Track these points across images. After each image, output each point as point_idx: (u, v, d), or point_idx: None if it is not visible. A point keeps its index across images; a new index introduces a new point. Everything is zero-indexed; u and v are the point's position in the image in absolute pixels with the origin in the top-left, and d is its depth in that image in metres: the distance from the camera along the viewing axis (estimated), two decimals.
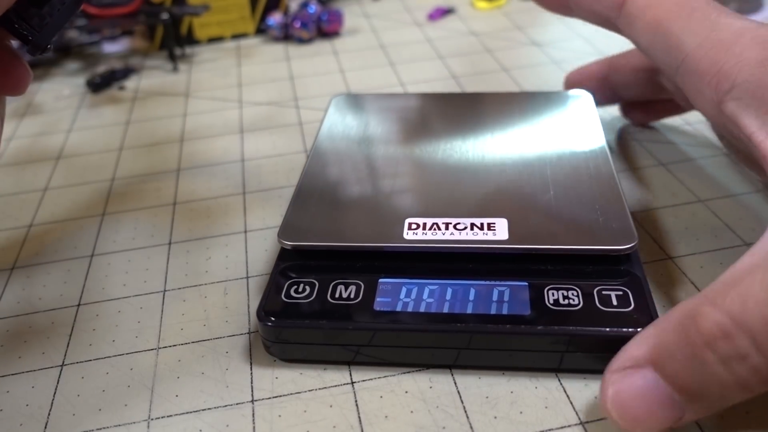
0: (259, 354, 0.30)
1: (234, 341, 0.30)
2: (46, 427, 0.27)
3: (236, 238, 0.37)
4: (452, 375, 0.28)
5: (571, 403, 0.26)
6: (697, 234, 0.35)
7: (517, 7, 0.67)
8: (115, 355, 0.30)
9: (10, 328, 0.32)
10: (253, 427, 0.27)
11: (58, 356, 0.31)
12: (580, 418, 0.26)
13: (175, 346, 0.31)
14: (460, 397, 0.27)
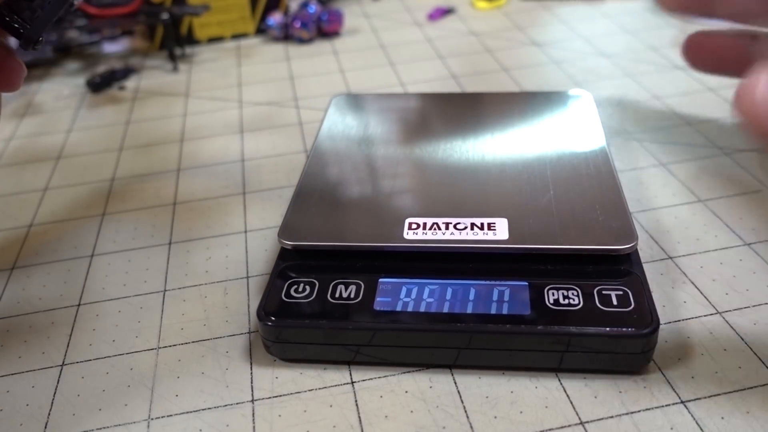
0: (259, 354, 0.30)
1: (234, 341, 0.30)
2: (46, 427, 0.27)
3: (236, 238, 0.37)
4: (452, 375, 0.28)
5: (571, 403, 0.26)
6: (697, 234, 0.35)
7: (517, 7, 0.67)
8: (115, 355, 0.30)
9: (10, 328, 0.32)
10: (253, 427, 0.27)
11: (58, 356, 0.31)
12: (580, 418, 0.26)
13: (175, 346, 0.31)
14: (460, 397, 0.27)
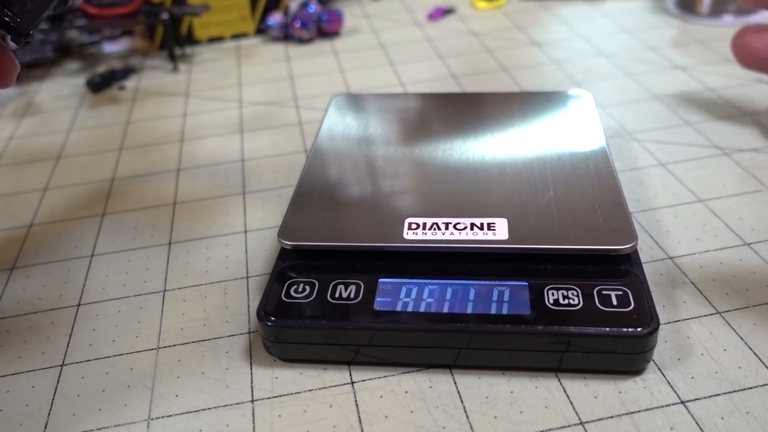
0: (259, 354, 0.30)
1: (234, 341, 0.30)
2: (46, 427, 0.27)
3: (236, 238, 0.37)
4: (452, 375, 0.28)
5: (571, 403, 0.26)
6: (697, 234, 0.35)
7: (517, 7, 0.67)
8: (115, 355, 0.30)
9: (10, 328, 0.32)
10: (253, 427, 0.27)
11: (58, 356, 0.31)
12: (580, 418, 0.26)
13: (175, 346, 0.31)
14: (460, 397, 0.27)
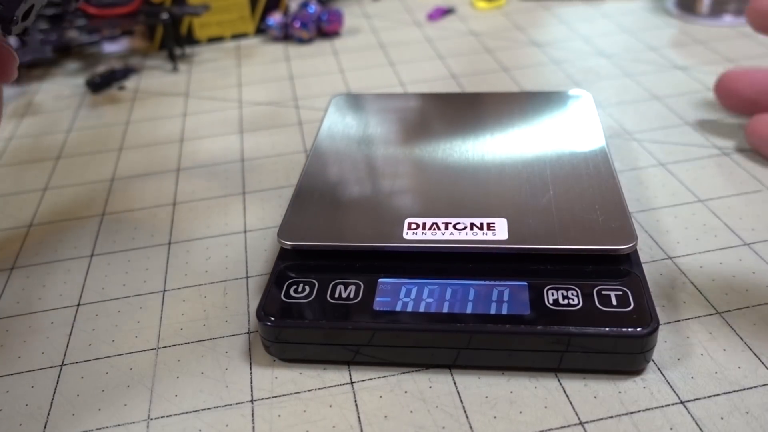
0: (259, 354, 0.30)
1: (234, 341, 0.30)
2: (46, 427, 0.27)
3: (236, 238, 0.37)
4: (452, 375, 0.28)
5: (571, 403, 0.26)
6: (697, 234, 0.35)
7: (517, 7, 0.67)
8: (115, 355, 0.30)
9: (10, 328, 0.32)
10: (253, 427, 0.27)
11: (58, 356, 0.31)
12: (579, 418, 0.26)
13: (174, 346, 0.31)
14: (460, 397, 0.27)
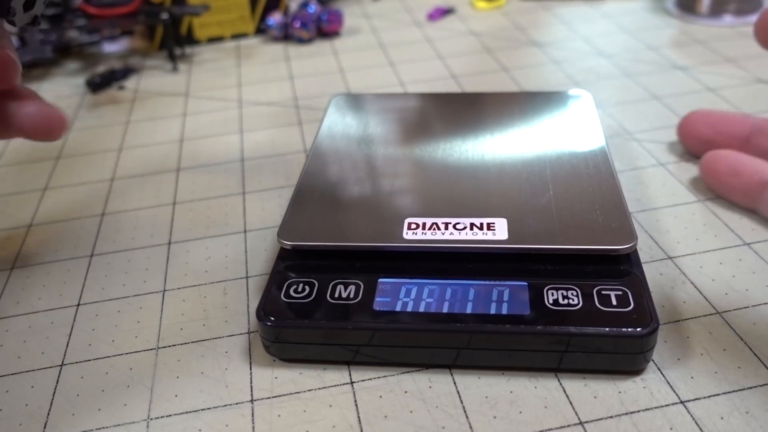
0: (259, 354, 0.30)
1: (233, 341, 0.30)
2: (46, 427, 0.27)
3: (236, 238, 0.37)
4: (452, 375, 0.28)
5: (571, 403, 0.26)
6: (697, 234, 0.35)
7: (517, 7, 0.66)
8: (115, 355, 0.30)
9: (9, 328, 0.32)
10: (253, 427, 0.27)
11: (58, 356, 0.31)
12: (579, 418, 0.26)
13: (174, 346, 0.31)
14: (460, 397, 0.27)
